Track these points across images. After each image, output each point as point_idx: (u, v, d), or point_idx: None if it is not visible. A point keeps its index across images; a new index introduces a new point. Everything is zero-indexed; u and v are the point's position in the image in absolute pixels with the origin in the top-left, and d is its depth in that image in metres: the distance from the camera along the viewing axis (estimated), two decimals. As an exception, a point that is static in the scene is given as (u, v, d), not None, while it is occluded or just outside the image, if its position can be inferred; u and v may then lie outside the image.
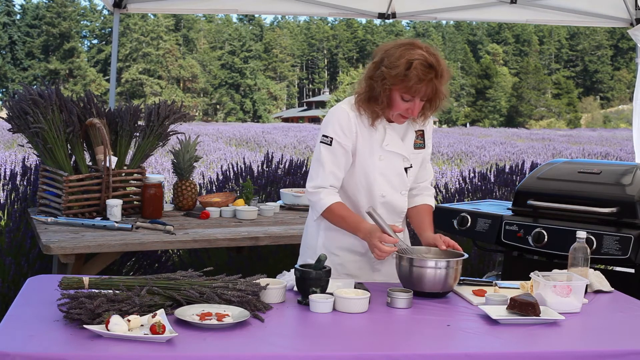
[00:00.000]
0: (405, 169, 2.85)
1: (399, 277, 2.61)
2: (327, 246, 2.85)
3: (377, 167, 2.79)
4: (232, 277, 2.37)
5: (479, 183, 6.20)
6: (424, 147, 2.90)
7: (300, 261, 2.96)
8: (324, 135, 2.76)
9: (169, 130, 4.23)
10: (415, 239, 3.01)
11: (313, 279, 2.39)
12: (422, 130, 2.88)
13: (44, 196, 3.99)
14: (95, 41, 73.24)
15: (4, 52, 66.73)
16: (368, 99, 2.71)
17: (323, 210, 2.74)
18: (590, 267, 2.75)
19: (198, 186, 4.83)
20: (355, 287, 2.53)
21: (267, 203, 4.52)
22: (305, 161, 6.22)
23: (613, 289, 2.78)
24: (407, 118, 2.75)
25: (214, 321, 2.11)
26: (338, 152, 2.74)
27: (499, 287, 2.71)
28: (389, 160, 2.80)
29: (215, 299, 2.24)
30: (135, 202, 4.11)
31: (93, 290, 2.17)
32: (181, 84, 70.22)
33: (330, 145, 2.74)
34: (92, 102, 4.06)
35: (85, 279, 2.22)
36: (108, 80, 27.85)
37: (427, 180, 3.00)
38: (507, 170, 6.44)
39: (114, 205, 3.78)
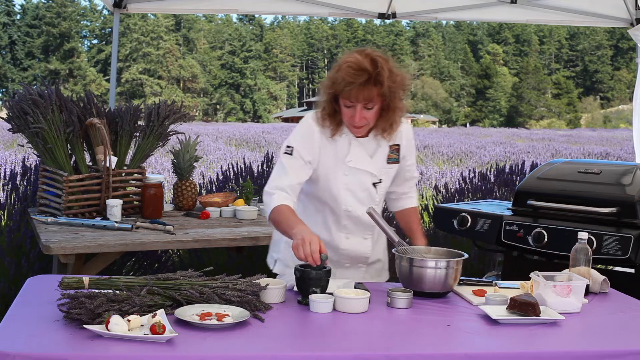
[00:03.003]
0: (374, 184, 2.82)
1: (399, 277, 2.61)
2: (289, 241, 2.79)
3: (342, 182, 2.77)
4: (232, 277, 2.37)
5: (479, 183, 6.20)
6: (398, 162, 2.86)
7: (268, 257, 2.99)
8: (287, 146, 2.74)
9: (169, 130, 4.23)
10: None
11: (313, 279, 2.39)
12: (398, 145, 2.84)
13: (44, 196, 3.99)
14: (95, 41, 73.27)
15: (4, 52, 66.73)
16: (322, 109, 2.70)
17: (271, 211, 2.66)
18: (592, 268, 2.75)
19: (198, 186, 4.83)
20: (355, 287, 2.53)
21: (267, 203, 4.51)
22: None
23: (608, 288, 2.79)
24: (360, 128, 2.70)
25: (214, 321, 2.10)
26: (298, 162, 2.71)
27: (499, 287, 2.71)
28: (355, 175, 2.77)
29: (215, 299, 2.24)
30: (135, 202, 4.11)
31: (93, 290, 2.17)
32: (181, 84, 70.22)
33: (292, 155, 2.72)
34: (92, 102, 4.06)
35: (85, 279, 2.22)
36: (108, 80, 27.78)
37: (409, 186, 2.99)
38: (507, 170, 6.44)
39: (114, 205, 3.78)
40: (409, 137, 2.88)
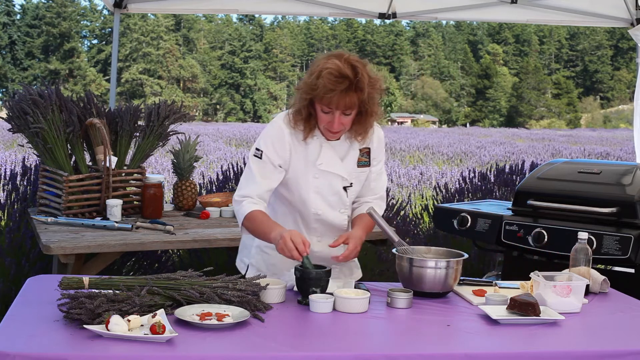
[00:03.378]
0: (345, 188, 2.76)
1: (399, 277, 2.61)
2: (261, 246, 2.82)
3: (312, 185, 2.72)
4: (232, 277, 2.37)
5: (479, 183, 6.20)
6: (369, 165, 2.80)
7: (237, 260, 2.96)
8: (256, 149, 2.69)
9: (169, 130, 4.23)
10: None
11: (313, 279, 2.39)
12: (369, 148, 2.79)
13: (44, 196, 3.99)
14: (95, 41, 73.29)
15: (4, 52, 66.74)
16: (297, 112, 2.65)
17: (244, 218, 2.64)
18: (592, 268, 2.75)
19: (198, 186, 4.83)
20: (355, 287, 2.53)
21: (267, 203, 4.51)
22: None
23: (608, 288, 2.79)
24: (336, 133, 2.66)
25: (214, 321, 2.11)
26: (267, 166, 2.67)
27: (499, 287, 2.72)
28: (325, 179, 2.72)
29: (215, 299, 2.24)
30: (135, 202, 4.11)
31: (93, 290, 2.17)
32: (181, 84, 70.24)
33: (261, 158, 2.67)
34: (92, 102, 4.06)
35: (85, 279, 2.22)
36: (108, 80, 27.86)
37: (378, 195, 2.89)
38: (507, 170, 6.44)
39: (114, 205, 3.78)
40: (380, 139, 2.83)
